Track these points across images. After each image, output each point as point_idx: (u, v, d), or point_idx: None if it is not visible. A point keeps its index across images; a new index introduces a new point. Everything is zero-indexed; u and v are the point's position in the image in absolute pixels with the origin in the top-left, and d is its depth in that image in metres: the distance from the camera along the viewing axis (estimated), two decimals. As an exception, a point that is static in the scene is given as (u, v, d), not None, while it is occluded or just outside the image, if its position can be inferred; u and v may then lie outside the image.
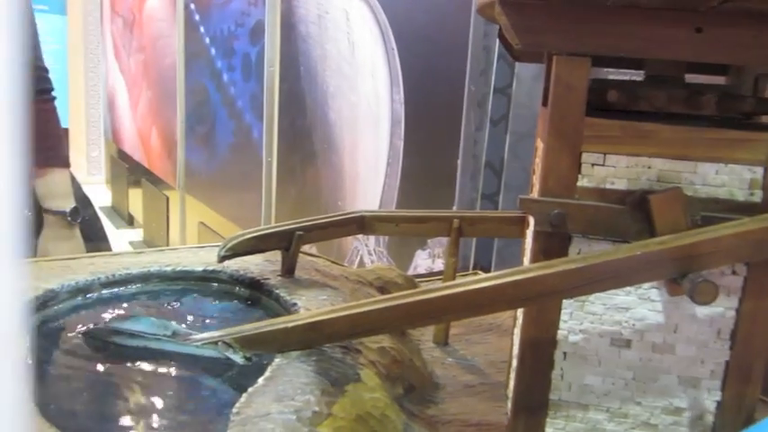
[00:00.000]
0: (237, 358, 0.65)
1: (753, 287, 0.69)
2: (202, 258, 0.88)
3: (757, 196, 0.66)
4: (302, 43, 1.97)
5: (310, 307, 0.73)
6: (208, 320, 0.74)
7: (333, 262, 0.99)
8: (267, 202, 2.10)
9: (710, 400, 0.72)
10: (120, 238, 3.55)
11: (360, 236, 1.85)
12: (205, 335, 0.68)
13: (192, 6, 2.72)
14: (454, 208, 1.75)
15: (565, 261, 0.66)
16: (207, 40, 2.60)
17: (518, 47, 0.63)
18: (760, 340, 0.70)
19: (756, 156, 0.65)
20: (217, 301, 0.79)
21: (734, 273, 0.69)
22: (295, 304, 0.74)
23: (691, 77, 0.74)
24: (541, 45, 0.64)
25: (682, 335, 0.71)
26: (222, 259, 0.80)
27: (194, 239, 2.76)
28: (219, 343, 0.67)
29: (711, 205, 0.68)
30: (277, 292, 0.77)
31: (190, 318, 0.74)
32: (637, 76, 0.78)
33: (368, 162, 1.89)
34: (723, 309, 0.71)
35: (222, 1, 2.44)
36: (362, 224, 0.91)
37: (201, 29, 2.64)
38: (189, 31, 2.76)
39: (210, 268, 0.84)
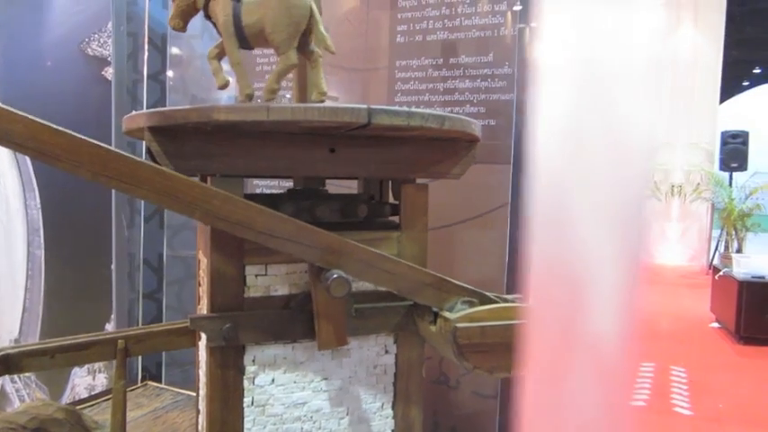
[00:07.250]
0: None
1: (401, 365, 0.80)
2: None
3: (394, 283, 0.77)
4: None
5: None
6: None
7: (-31, 413, 0.84)
8: None
9: (384, 470, 0.80)
10: None
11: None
12: None
13: None
14: (113, 315, 1.63)
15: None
16: None
17: (171, 170, 0.64)
18: (414, 410, 0.80)
19: (391, 250, 0.76)
20: None
21: (387, 352, 0.79)
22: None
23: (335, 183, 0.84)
24: (195, 169, 0.65)
25: (354, 416, 0.78)
26: None
27: None
28: None
29: (361, 298, 0.77)
30: None
31: None
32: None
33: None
34: (384, 385, 0.80)
35: None
36: (8, 364, 0.79)
37: None
38: None
39: None
